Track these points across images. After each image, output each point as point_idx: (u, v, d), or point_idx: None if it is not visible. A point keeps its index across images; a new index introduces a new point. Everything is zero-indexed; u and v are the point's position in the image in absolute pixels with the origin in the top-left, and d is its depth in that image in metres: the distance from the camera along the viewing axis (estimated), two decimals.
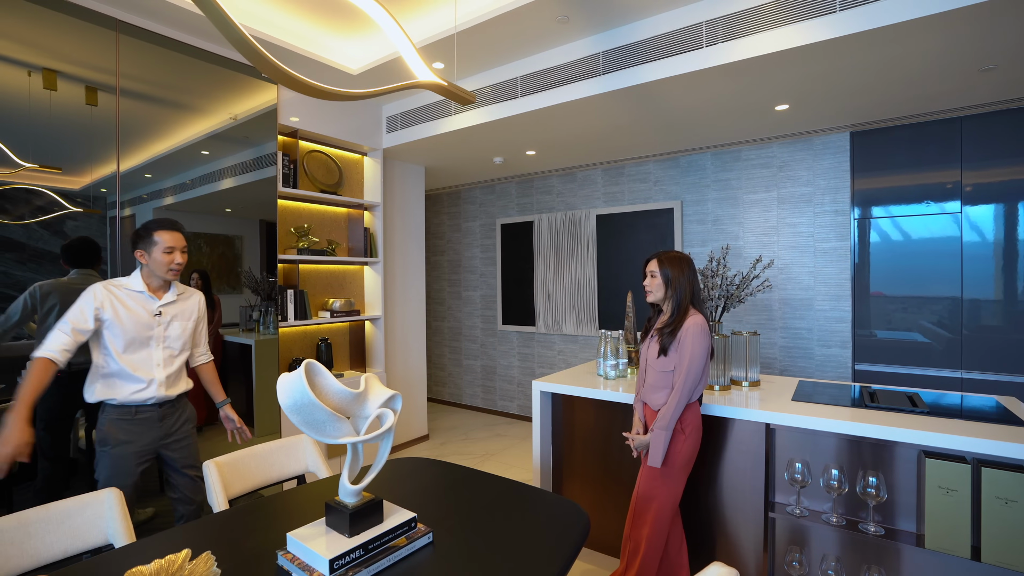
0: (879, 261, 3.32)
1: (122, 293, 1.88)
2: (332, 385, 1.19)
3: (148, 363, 1.90)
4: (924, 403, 2.00)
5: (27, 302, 2.14)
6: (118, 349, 1.85)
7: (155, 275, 1.92)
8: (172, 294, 1.99)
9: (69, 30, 2.28)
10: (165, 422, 1.93)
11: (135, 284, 1.91)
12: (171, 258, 1.89)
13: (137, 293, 1.91)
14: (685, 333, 1.85)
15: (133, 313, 1.88)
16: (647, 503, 1.91)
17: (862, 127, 3.32)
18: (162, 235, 1.88)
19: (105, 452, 1.83)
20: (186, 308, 2.04)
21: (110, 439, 1.83)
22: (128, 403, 1.86)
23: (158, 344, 1.93)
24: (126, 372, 1.85)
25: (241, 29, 0.92)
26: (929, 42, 2.17)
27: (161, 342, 1.94)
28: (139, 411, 1.88)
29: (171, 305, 1.98)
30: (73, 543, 1.34)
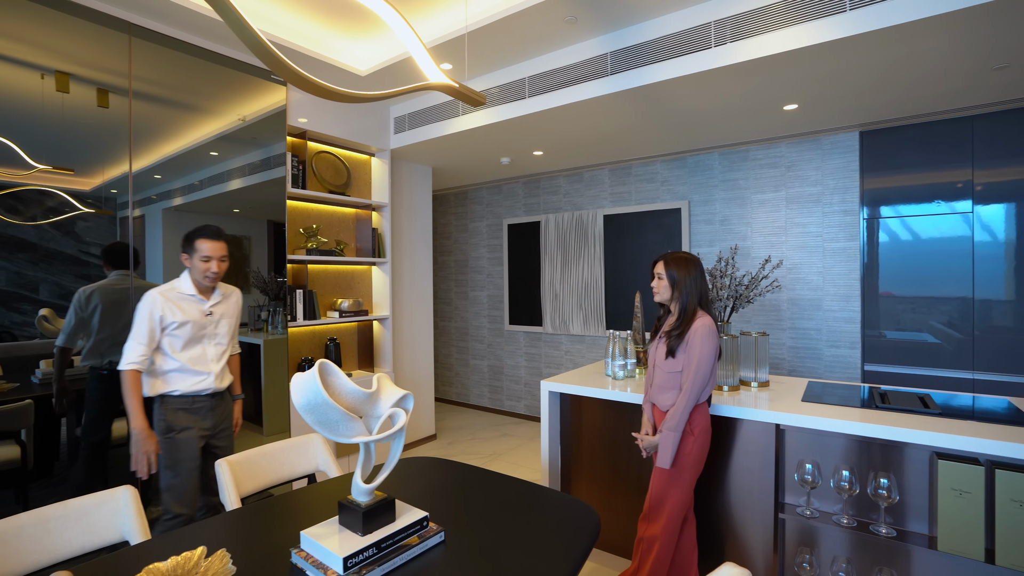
0: (888, 261, 3.30)
1: (175, 296, 2.01)
2: (345, 385, 1.20)
3: (204, 359, 2.05)
4: (936, 404, 1.99)
5: (76, 308, 2.27)
6: (176, 348, 1.99)
7: (197, 280, 2.05)
8: (218, 295, 2.13)
9: (82, 33, 2.31)
10: (215, 411, 2.08)
11: (186, 288, 2.04)
12: (207, 266, 2.00)
13: (189, 296, 2.04)
14: (693, 334, 1.85)
15: (188, 314, 2.01)
16: (659, 504, 1.91)
17: (871, 126, 3.30)
18: (202, 243, 1.99)
19: (171, 438, 1.97)
20: (230, 306, 2.19)
21: (175, 425, 1.98)
22: (188, 393, 2.00)
23: (210, 341, 2.08)
24: (186, 368, 2.00)
25: (258, 33, 0.93)
26: (939, 41, 2.16)
27: (213, 339, 2.09)
28: (196, 400, 2.02)
29: (218, 305, 2.13)
30: (90, 539, 1.36)
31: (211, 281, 2.04)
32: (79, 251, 2.34)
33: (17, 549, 1.26)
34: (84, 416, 2.33)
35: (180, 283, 2.04)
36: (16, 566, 1.25)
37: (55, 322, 2.29)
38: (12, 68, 2.13)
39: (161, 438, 1.96)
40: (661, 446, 1.85)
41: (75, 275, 2.33)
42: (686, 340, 1.86)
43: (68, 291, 2.30)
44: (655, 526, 1.92)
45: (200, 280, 2.03)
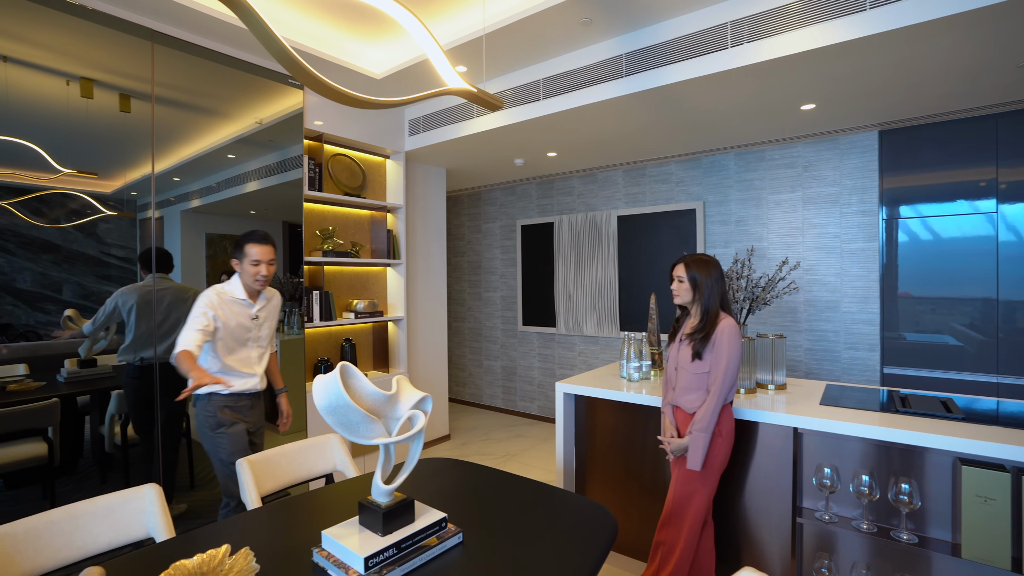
0: (908, 262, 3.24)
1: (227, 299, 2.09)
2: (366, 387, 1.21)
3: (249, 361, 2.14)
4: (959, 408, 1.96)
5: (114, 305, 2.39)
6: (224, 350, 2.07)
7: (245, 284, 2.12)
8: (263, 299, 2.21)
9: (106, 41, 2.36)
10: (254, 411, 2.18)
11: (237, 292, 2.11)
12: (257, 270, 2.07)
13: (240, 300, 2.11)
14: (720, 335, 1.85)
15: (237, 317, 2.09)
16: (683, 506, 1.89)
17: (891, 125, 3.25)
18: (252, 248, 2.05)
19: (222, 433, 2.06)
20: (272, 309, 2.27)
21: (225, 421, 2.07)
22: (235, 392, 2.10)
23: (254, 344, 2.16)
24: (232, 369, 2.09)
25: (283, 42, 0.95)
26: (961, 39, 2.12)
27: (256, 342, 2.17)
28: (240, 399, 2.12)
29: (263, 309, 2.21)
30: (117, 536, 1.39)
31: (260, 284, 2.11)
32: (101, 252, 2.39)
33: (49, 544, 1.29)
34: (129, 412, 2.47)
35: (231, 287, 2.11)
36: (47, 561, 1.28)
37: (79, 322, 2.34)
38: (39, 75, 2.18)
39: (212, 434, 2.07)
40: (692, 448, 1.84)
41: (97, 276, 2.38)
42: (712, 341, 1.86)
43: (90, 291, 2.36)
44: (676, 530, 1.90)
45: (250, 284, 2.09)
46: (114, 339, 2.42)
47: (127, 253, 2.47)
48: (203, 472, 2.74)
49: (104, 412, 2.43)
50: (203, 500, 2.69)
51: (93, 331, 2.34)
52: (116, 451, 2.45)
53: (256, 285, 2.09)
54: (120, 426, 2.45)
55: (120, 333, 2.42)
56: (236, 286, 2.10)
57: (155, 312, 2.45)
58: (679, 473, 1.93)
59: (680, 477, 1.92)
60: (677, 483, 1.93)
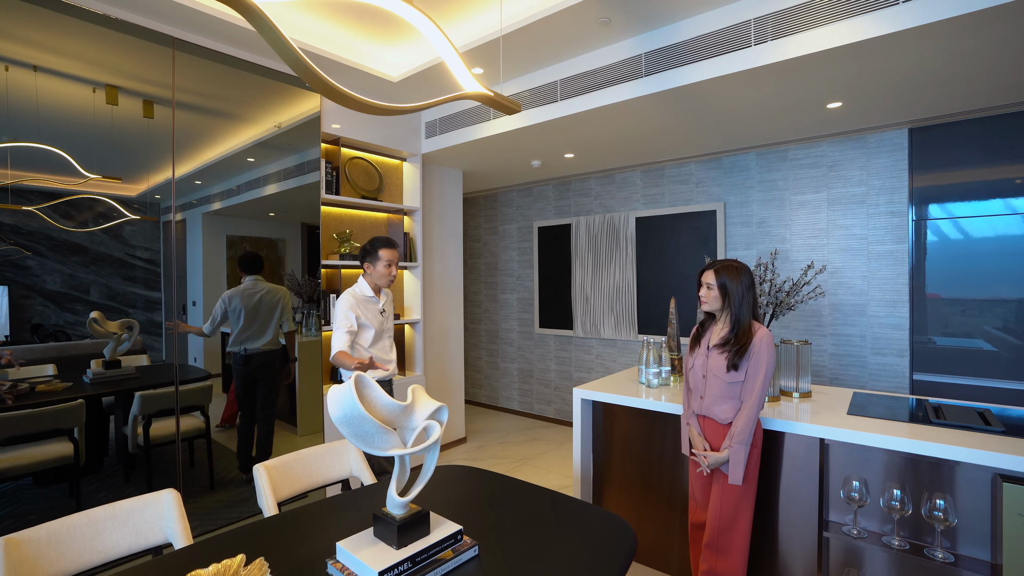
0: (939, 263, 3.13)
1: (361, 298, 2.39)
2: (380, 398, 1.20)
3: (385, 350, 2.42)
4: (997, 420, 1.87)
5: (223, 306, 2.74)
6: (365, 343, 2.35)
7: (375, 283, 2.40)
8: (384, 293, 2.52)
9: (130, 48, 2.41)
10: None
11: (367, 291, 2.41)
12: (390, 271, 2.37)
13: (369, 297, 2.42)
14: (759, 344, 1.79)
15: (371, 312, 2.39)
16: (730, 526, 1.81)
17: (922, 123, 3.14)
18: (384, 252, 2.35)
19: None
20: (390, 304, 2.54)
21: None
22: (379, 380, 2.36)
23: (387, 335, 2.45)
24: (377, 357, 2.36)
25: (299, 51, 0.94)
26: (998, 33, 2.02)
27: (388, 333, 2.46)
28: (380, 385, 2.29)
29: (386, 304, 2.50)
30: (136, 540, 1.41)
31: (389, 283, 2.41)
32: (126, 254, 2.44)
33: (70, 548, 1.31)
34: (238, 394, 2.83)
35: (361, 288, 2.41)
36: (69, 565, 1.30)
37: (104, 324, 2.39)
38: (67, 83, 2.23)
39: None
40: (733, 462, 1.77)
41: (123, 277, 2.43)
42: (750, 352, 1.80)
43: (116, 292, 2.41)
44: (731, 558, 1.80)
45: (381, 282, 2.38)
46: (137, 340, 2.47)
47: (151, 255, 2.52)
48: (222, 472, 2.77)
49: (128, 413, 2.47)
50: (222, 501, 2.72)
51: (212, 330, 2.71)
52: (139, 451, 2.49)
53: (385, 283, 2.39)
54: (143, 427, 2.49)
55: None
56: (364, 286, 2.41)
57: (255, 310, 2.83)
58: (722, 490, 1.83)
59: (724, 494, 1.83)
60: (722, 501, 1.83)
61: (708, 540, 1.86)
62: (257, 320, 2.84)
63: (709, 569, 1.85)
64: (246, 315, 2.80)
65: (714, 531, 1.84)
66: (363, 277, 2.43)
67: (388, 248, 2.37)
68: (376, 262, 2.37)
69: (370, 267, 2.40)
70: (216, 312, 2.73)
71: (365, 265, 2.41)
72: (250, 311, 2.81)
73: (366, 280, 2.42)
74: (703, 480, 1.94)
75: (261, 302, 2.84)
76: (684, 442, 1.99)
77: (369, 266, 2.40)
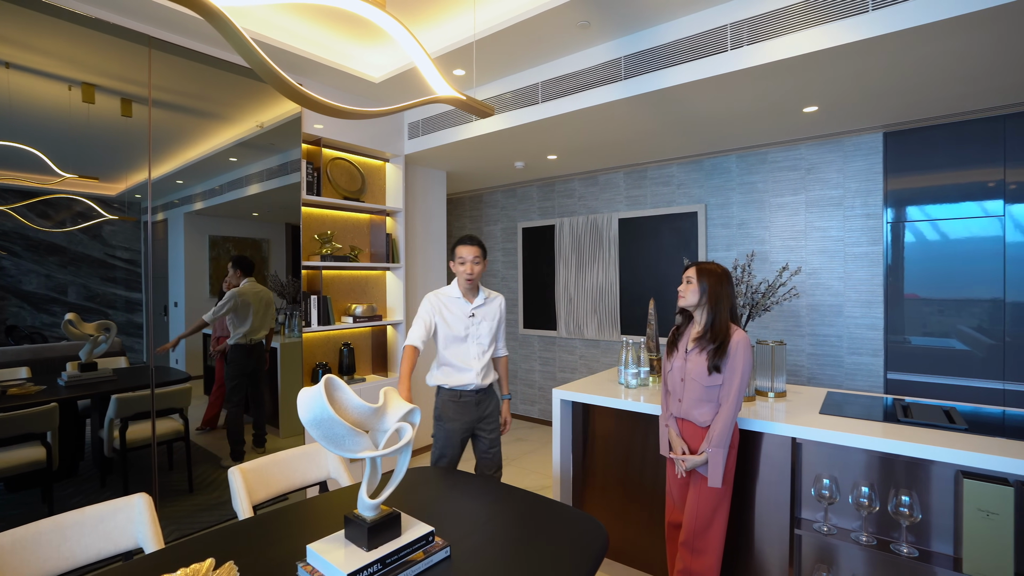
0: (914, 264, 3.20)
1: (445, 299, 2.32)
2: (351, 400, 1.20)
3: (467, 356, 2.29)
4: (962, 418, 1.92)
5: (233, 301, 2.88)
6: (444, 344, 2.29)
7: (459, 284, 2.32)
8: (481, 298, 2.36)
9: (105, 46, 2.37)
10: (480, 406, 2.32)
11: (453, 292, 2.34)
12: (464, 268, 2.28)
13: (455, 299, 2.33)
14: (736, 348, 1.82)
15: (454, 315, 2.30)
16: (706, 527, 1.83)
17: (896, 127, 3.20)
18: (461, 249, 2.30)
19: (440, 426, 2.30)
20: (491, 310, 2.39)
21: (444, 416, 2.29)
22: (456, 388, 2.28)
23: (473, 341, 2.31)
24: (453, 363, 2.28)
25: (263, 55, 0.94)
26: (968, 41, 2.08)
27: (475, 339, 2.31)
28: (462, 395, 2.28)
29: (480, 308, 2.36)
30: (106, 546, 1.39)
31: (470, 281, 2.30)
32: (105, 255, 2.41)
33: (35, 555, 1.29)
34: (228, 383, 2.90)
35: (449, 289, 2.36)
36: (34, 572, 1.28)
37: (80, 326, 2.36)
38: (42, 81, 2.20)
39: (435, 423, 2.33)
40: (712, 465, 1.79)
41: (102, 278, 2.40)
42: (728, 355, 1.83)
43: (95, 293, 2.38)
44: (706, 557, 1.83)
45: (462, 281, 2.29)
46: (115, 341, 2.44)
47: (131, 255, 2.48)
48: (201, 475, 2.75)
49: (103, 416, 2.44)
50: (200, 505, 2.69)
51: (213, 318, 2.82)
52: (115, 455, 2.46)
53: (466, 282, 2.29)
54: (119, 430, 2.46)
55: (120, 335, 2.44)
56: (453, 287, 2.35)
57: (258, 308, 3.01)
58: (699, 492, 1.85)
59: (701, 496, 1.85)
60: (699, 502, 1.85)
61: (684, 539, 1.88)
62: (260, 314, 3.02)
63: (685, 568, 1.88)
64: (254, 310, 2.97)
65: (690, 531, 1.86)
66: (455, 280, 2.39)
67: (464, 245, 2.31)
68: (455, 260, 2.33)
69: (454, 267, 2.34)
70: (224, 304, 2.83)
71: (452, 265, 2.37)
72: (256, 306, 3.00)
73: (456, 282, 2.37)
74: (680, 480, 1.96)
75: (261, 299, 3.03)
76: (663, 444, 2.01)
77: (453, 265, 2.35)
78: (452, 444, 2.28)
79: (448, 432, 2.28)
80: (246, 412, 3.04)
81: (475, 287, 2.36)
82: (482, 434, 2.36)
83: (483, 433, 2.36)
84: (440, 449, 2.30)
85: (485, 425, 2.35)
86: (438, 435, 2.31)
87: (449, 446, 2.28)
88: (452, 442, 2.28)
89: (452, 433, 2.28)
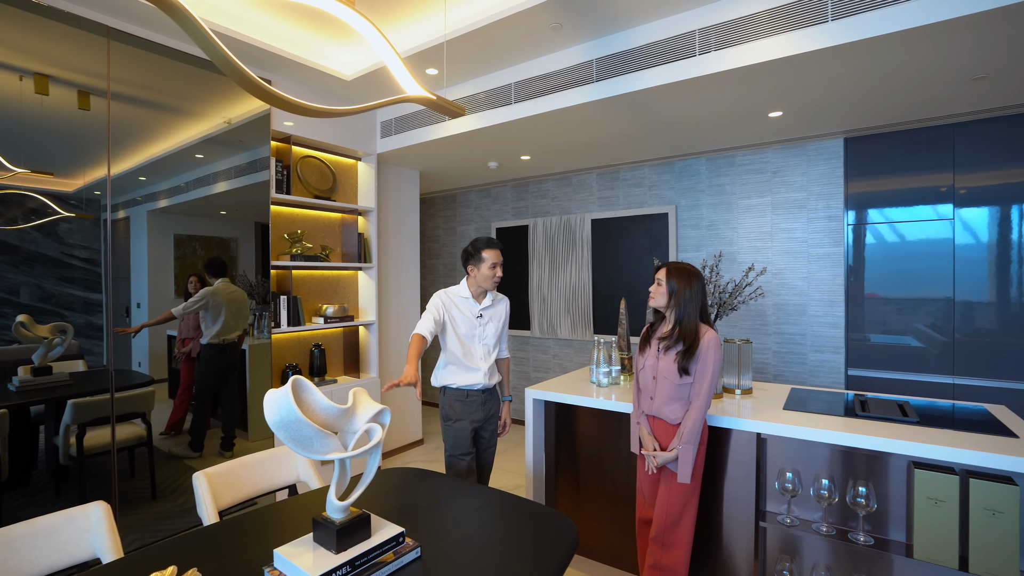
0: (873, 265, 3.33)
1: (455, 298, 2.33)
2: (319, 401, 1.19)
3: (473, 356, 2.31)
4: (915, 412, 2.01)
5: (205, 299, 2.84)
6: (452, 344, 2.30)
7: (478, 285, 2.33)
8: (489, 299, 2.39)
9: (61, 36, 2.28)
10: (485, 406, 2.34)
11: (463, 292, 2.35)
12: (494, 272, 2.29)
13: (464, 299, 2.34)
14: (706, 347, 1.85)
15: (463, 314, 2.32)
16: (676, 522, 1.87)
17: (856, 133, 3.33)
18: (488, 253, 2.29)
19: (448, 426, 2.31)
20: (497, 312, 2.42)
21: (452, 415, 2.30)
22: (463, 387, 2.30)
23: (479, 341, 2.33)
24: (460, 362, 2.29)
25: (226, 50, 0.92)
26: (919, 52, 2.18)
27: (481, 339, 2.34)
28: (469, 394, 2.30)
29: (488, 309, 2.38)
30: (60, 558, 1.34)
31: (494, 285, 2.33)
32: (62, 254, 2.32)
33: None
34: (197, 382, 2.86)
35: (458, 289, 2.36)
36: None
37: (33, 328, 2.26)
38: None
39: (443, 425, 2.33)
40: (682, 461, 1.82)
41: (58, 278, 2.30)
42: (697, 355, 1.86)
43: (51, 294, 2.28)
44: (676, 552, 1.86)
45: (486, 283, 2.31)
46: (72, 344, 2.34)
47: (91, 254, 2.39)
48: (165, 481, 2.66)
49: (59, 422, 2.34)
50: (164, 512, 2.61)
51: (182, 312, 2.77)
52: (72, 463, 2.36)
53: (490, 285, 2.32)
54: (76, 437, 2.36)
55: (67, 339, 2.35)
56: (462, 287, 2.36)
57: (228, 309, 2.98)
58: (669, 488, 1.89)
59: (671, 491, 1.88)
60: (669, 498, 1.88)
61: (655, 534, 1.92)
62: (233, 315, 2.98)
63: (655, 563, 1.91)
64: (226, 310, 2.93)
65: (660, 527, 1.90)
66: (465, 280, 2.36)
67: (491, 248, 2.30)
68: (480, 264, 2.29)
69: (474, 270, 2.31)
70: (196, 301, 2.80)
71: (468, 268, 2.33)
72: (229, 307, 2.96)
73: (467, 283, 2.35)
74: (651, 477, 1.99)
75: (234, 300, 2.99)
76: (634, 441, 2.04)
77: (473, 268, 2.31)
78: (462, 443, 2.28)
79: (456, 432, 2.29)
80: (213, 415, 2.96)
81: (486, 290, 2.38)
82: (484, 434, 2.37)
83: (483, 435, 2.37)
84: (451, 449, 2.30)
85: (487, 426, 2.37)
86: (447, 436, 2.31)
87: (459, 445, 2.28)
88: (462, 440, 2.28)
89: (460, 432, 2.28)
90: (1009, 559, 1.52)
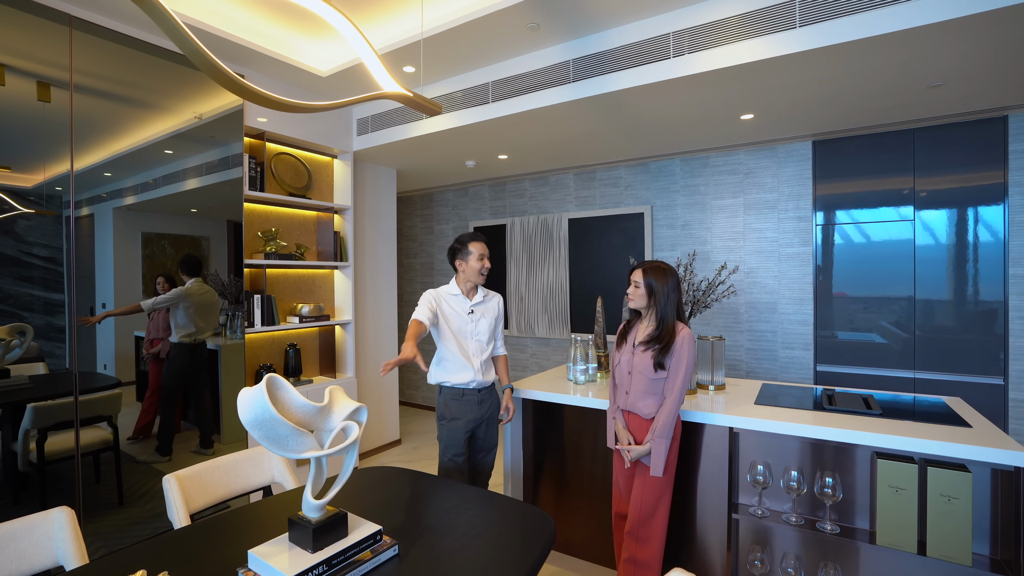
0: (840, 264, 3.45)
1: (445, 296, 2.31)
2: (295, 399, 1.17)
3: (467, 353, 2.27)
4: (878, 404, 2.09)
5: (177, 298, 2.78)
6: (445, 340, 2.27)
7: (467, 280, 2.31)
8: (480, 295, 2.36)
9: (19, 24, 2.19)
10: (482, 405, 2.30)
11: (453, 289, 2.32)
12: (482, 263, 2.28)
13: (455, 296, 2.31)
14: (681, 344, 1.88)
15: (454, 311, 2.29)
16: (650, 516, 1.89)
17: (823, 136, 3.44)
18: (474, 245, 2.27)
19: (443, 425, 2.27)
20: (489, 308, 2.38)
21: (447, 414, 2.27)
22: (458, 385, 2.26)
23: (472, 338, 2.30)
24: (455, 359, 2.26)
25: (198, 42, 0.90)
26: (882, 59, 2.27)
27: (474, 336, 2.30)
28: (464, 393, 2.27)
29: (479, 305, 2.35)
30: (19, 567, 1.29)
31: (483, 279, 2.30)
32: (20, 252, 2.23)
33: None
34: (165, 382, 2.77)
35: (448, 287, 2.34)
36: None
37: None
38: None
39: (438, 423, 2.31)
40: (655, 454, 1.85)
41: (15, 277, 2.21)
42: (672, 350, 1.89)
43: (8, 294, 2.19)
44: (650, 546, 1.89)
45: (475, 278, 2.29)
46: (31, 346, 2.25)
47: (52, 252, 2.30)
48: (133, 486, 2.58)
49: (17, 427, 2.25)
50: (132, 518, 2.53)
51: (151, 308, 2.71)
52: (31, 469, 2.27)
53: (479, 279, 2.30)
54: (36, 442, 2.27)
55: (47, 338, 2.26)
56: (452, 285, 2.33)
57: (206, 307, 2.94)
58: (643, 482, 1.91)
59: (645, 485, 1.91)
60: (643, 492, 1.91)
61: (629, 529, 1.94)
62: (204, 315, 2.94)
63: (630, 556, 1.94)
64: (197, 310, 2.88)
65: (635, 521, 1.92)
66: (454, 278, 2.34)
67: (477, 241, 2.29)
68: (468, 257, 2.27)
69: (462, 264, 2.29)
70: (167, 298, 2.74)
71: (456, 264, 2.31)
72: (201, 307, 2.91)
73: (456, 280, 2.32)
74: (627, 472, 2.03)
75: (206, 300, 2.94)
76: (610, 436, 2.07)
77: (461, 263, 2.29)
78: (457, 442, 2.24)
79: (451, 431, 2.25)
80: (184, 418, 2.88)
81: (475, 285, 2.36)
82: (481, 435, 2.34)
83: (479, 436, 2.34)
84: (445, 449, 2.26)
85: (484, 428, 2.33)
86: (442, 436, 2.28)
87: (454, 444, 2.24)
88: (456, 440, 2.24)
89: (456, 431, 2.25)
90: (962, 543, 1.60)
